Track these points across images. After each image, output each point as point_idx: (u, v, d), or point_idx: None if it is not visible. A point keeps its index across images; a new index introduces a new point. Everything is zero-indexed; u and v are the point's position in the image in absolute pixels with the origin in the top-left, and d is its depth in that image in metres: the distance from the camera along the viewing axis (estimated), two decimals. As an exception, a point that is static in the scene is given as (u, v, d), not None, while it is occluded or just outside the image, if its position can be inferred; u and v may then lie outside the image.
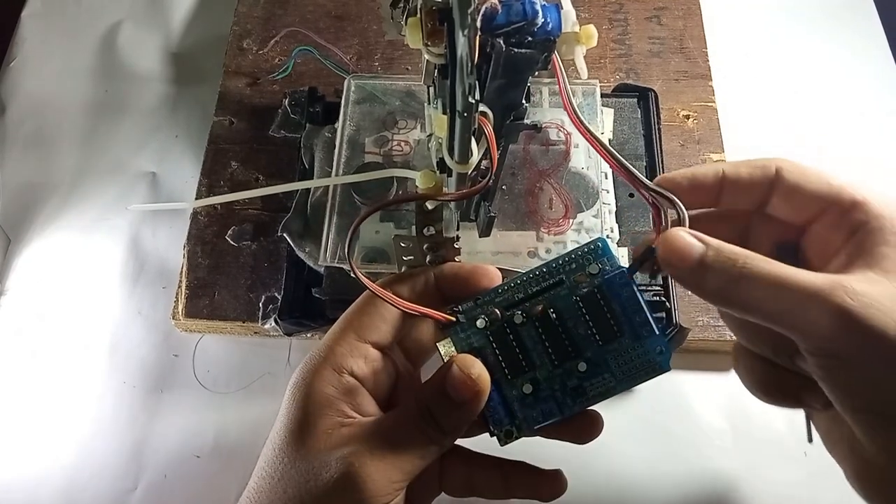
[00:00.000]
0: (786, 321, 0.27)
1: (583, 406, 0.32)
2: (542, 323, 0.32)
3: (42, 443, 0.48)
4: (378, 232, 0.46)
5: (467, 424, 0.31)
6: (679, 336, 0.46)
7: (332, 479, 0.29)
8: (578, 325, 0.32)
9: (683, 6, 0.62)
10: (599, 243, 0.32)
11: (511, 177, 0.48)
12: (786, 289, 0.26)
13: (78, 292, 0.53)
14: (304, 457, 0.30)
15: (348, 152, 0.49)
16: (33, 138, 0.60)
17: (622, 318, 0.31)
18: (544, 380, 0.32)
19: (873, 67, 0.62)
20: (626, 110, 0.54)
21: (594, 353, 0.32)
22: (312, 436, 0.30)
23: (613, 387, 0.32)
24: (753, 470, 0.46)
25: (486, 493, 0.34)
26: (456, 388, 0.30)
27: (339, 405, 0.31)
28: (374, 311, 0.32)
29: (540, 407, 0.32)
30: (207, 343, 0.51)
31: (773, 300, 0.27)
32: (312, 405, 0.30)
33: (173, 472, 0.47)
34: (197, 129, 0.58)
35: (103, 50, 0.64)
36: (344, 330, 0.32)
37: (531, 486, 0.34)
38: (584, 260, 0.32)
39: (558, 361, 0.32)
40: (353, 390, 0.31)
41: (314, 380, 0.31)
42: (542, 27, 0.28)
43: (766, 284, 0.27)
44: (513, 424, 0.32)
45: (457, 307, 0.33)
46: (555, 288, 0.32)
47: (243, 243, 0.51)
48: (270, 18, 0.62)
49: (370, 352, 0.32)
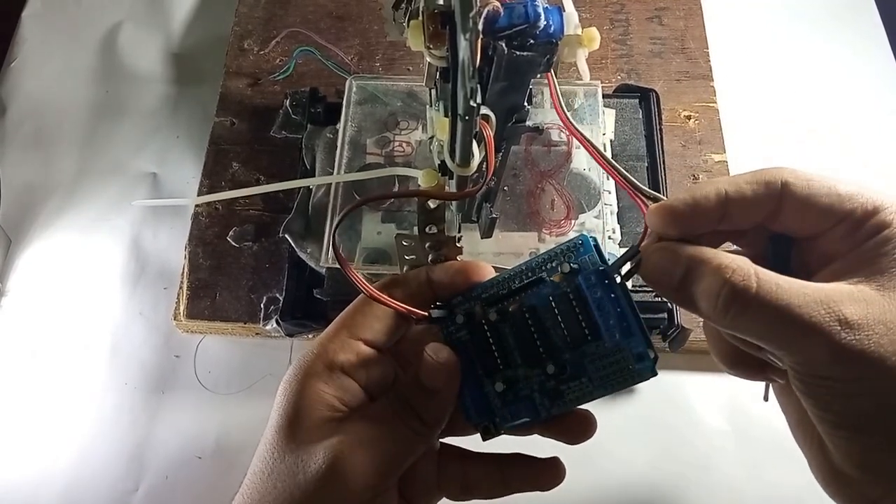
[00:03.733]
0: (777, 346, 0.26)
1: (561, 409, 0.31)
2: (517, 322, 0.31)
3: (43, 444, 0.48)
4: (380, 233, 0.46)
5: (446, 414, 0.31)
6: (680, 337, 0.46)
7: (321, 470, 0.29)
8: (556, 325, 0.30)
9: (685, 7, 0.62)
10: (580, 240, 0.30)
11: (513, 178, 0.48)
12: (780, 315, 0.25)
13: (79, 293, 0.53)
14: (293, 450, 0.30)
15: (350, 153, 0.49)
16: (34, 139, 0.60)
17: (598, 321, 0.29)
18: (522, 379, 0.31)
19: (874, 67, 0.62)
20: (628, 111, 0.54)
21: (571, 355, 0.30)
22: (302, 430, 0.30)
23: (591, 392, 0.30)
24: (754, 470, 0.46)
25: (484, 492, 0.34)
26: (427, 375, 0.30)
27: (329, 400, 0.31)
28: (369, 310, 0.33)
29: (517, 406, 0.31)
30: (209, 344, 0.51)
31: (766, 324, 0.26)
32: (303, 400, 0.31)
33: (174, 474, 0.47)
34: (198, 129, 0.58)
35: (104, 51, 0.64)
36: (337, 329, 0.33)
37: (530, 477, 0.34)
38: (564, 257, 0.30)
39: (531, 363, 0.31)
40: (344, 386, 0.31)
41: (305, 376, 0.31)
42: (544, 30, 0.28)
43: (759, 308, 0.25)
44: (491, 421, 0.32)
45: (438, 304, 0.32)
46: (533, 286, 0.31)
47: (244, 244, 0.51)
48: (271, 19, 0.62)
49: (362, 348, 0.32)
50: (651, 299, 0.46)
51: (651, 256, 0.28)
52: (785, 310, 0.25)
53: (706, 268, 0.26)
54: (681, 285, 0.27)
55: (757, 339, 0.26)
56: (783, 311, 0.25)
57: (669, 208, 0.28)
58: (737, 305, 0.26)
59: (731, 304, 0.26)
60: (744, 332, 0.27)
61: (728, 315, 0.26)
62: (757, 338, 0.26)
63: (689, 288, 0.27)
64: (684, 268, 0.27)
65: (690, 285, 0.27)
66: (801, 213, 0.28)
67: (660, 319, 0.46)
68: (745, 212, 0.28)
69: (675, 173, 0.53)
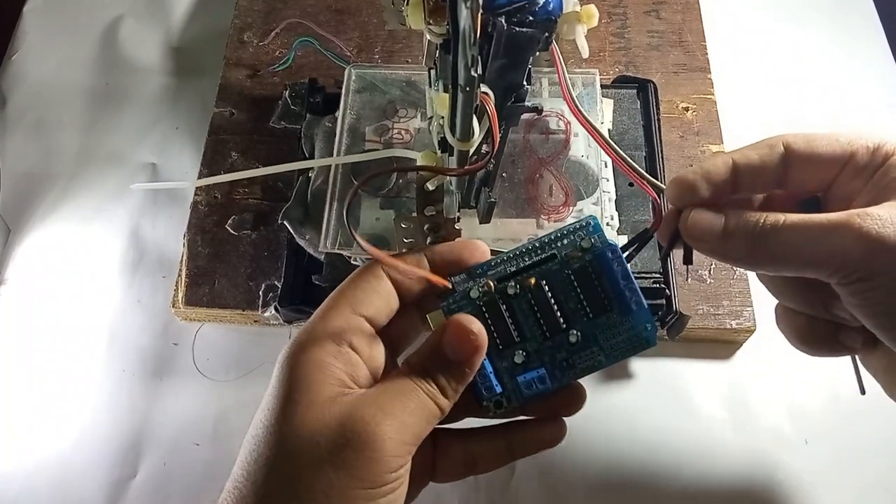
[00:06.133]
0: (814, 261, 0.28)
1: (571, 378, 0.32)
2: (535, 295, 0.32)
3: (41, 431, 0.48)
4: (378, 219, 0.46)
5: (463, 386, 0.31)
6: (679, 324, 0.46)
7: (340, 444, 0.27)
8: (569, 298, 0.32)
9: (682, 0, 0.63)
10: (591, 220, 0.33)
11: (511, 165, 0.48)
12: (807, 231, 0.28)
13: (78, 281, 0.53)
14: (304, 426, 0.28)
15: (349, 140, 0.49)
16: (34, 130, 0.60)
17: (611, 293, 0.32)
18: (534, 352, 0.32)
19: (870, 59, 0.62)
20: (626, 101, 0.54)
21: (583, 326, 0.32)
22: (313, 404, 0.28)
23: (601, 360, 0.32)
24: (753, 458, 0.46)
25: (490, 464, 0.34)
26: (454, 346, 0.30)
27: (339, 375, 0.29)
28: (369, 285, 0.32)
29: (530, 377, 0.32)
30: (207, 331, 0.51)
31: (798, 245, 0.28)
32: (311, 374, 0.29)
33: (173, 460, 0.47)
34: (197, 120, 0.59)
35: (104, 43, 0.64)
36: (339, 302, 0.31)
37: (534, 439, 0.34)
38: (577, 235, 0.33)
39: (549, 334, 0.32)
40: (353, 361, 0.30)
41: (312, 348, 0.30)
42: (543, 7, 0.28)
43: (788, 233, 0.28)
44: (503, 395, 0.32)
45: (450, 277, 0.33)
46: (547, 262, 0.33)
47: (243, 232, 0.52)
48: (271, 12, 0.62)
49: (365, 326, 0.31)
50: (650, 285, 0.46)
51: (693, 217, 0.31)
52: (812, 223, 0.28)
53: (742, 217, 0.30)
54: (724, 235, 0.30)
55: (798, 263, 0.29)
56: (810, 224, 0.28)
57: (685, 181, 0.31)
58: (772, 236, 0.29)
59: (767, 237, 0.29)
60: (783, 263, 0.30)
61: (766, 248, 0.29)
62: (797, 261, 0.29)
63: (729, 237, 0.30)
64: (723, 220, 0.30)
65: (729, 234, 0.30)
66: (808, 165, 0.31)
67: (658, 306, 0.46)
68: (755, 178, 0.31)
69: (673, 164, 0.54)
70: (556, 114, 0.49)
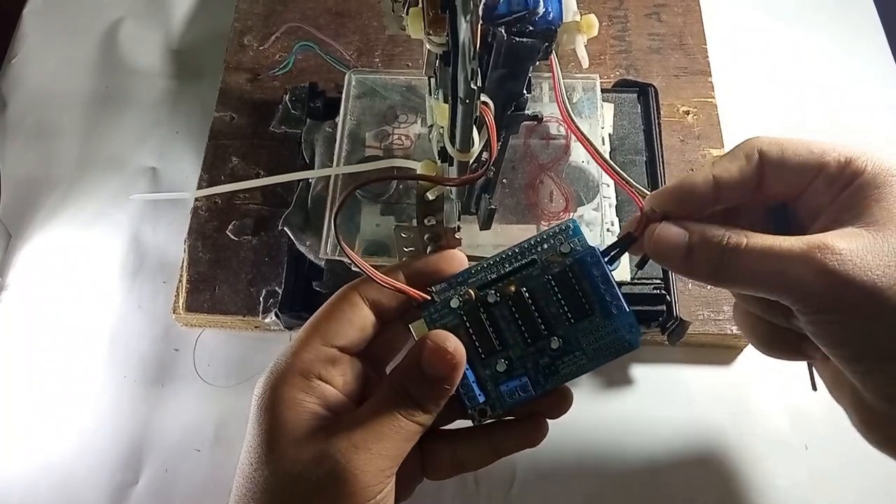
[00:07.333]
0: (774, 288, 0.28)
1: (555, 384, 0.32)
2: (515, 302, 0.32)
3: (42, 437, 0.48)
4: (379, 225, 0.46)
5: (445, 400, 0.31)
6: (680, 329, 0.46)
7: (320, 480, 0.28)
8: (550, 304, 0.32)
9: (683, 3, 0.62)
10: (571, 223, 0.33)
11: (512, 170, 0.48)
12: (769, 257, 0.28)
13: (78, 287, 0.53)
14: (284, 465, 0.29)
15: (349, 146, 0.49)
16: (34, 134, 0.60)
17: (592, 297, 0.32)
18: (517, 358, 0.32)
19: (871, 61, 0.62)
20: (626, 105, 0.54)
21: (565, 331, 0.32)
22: (291, 443, 0.29)
23: (584, 364, 0.32)
24: (754, 463, 0.46)
25: (475, 464, 0.34)
26: (432, 364, 0.30)
27: (312, 408, 0.30)
28: (343, 315, 0.32)
29: (513, 385, 0.32)
30: (208, 337, 0.51)
31: (759, 271, 0.28)
32: (285, 412, 0.30)
33: (174, 466, 0.47)
34: (197, 124, 0.58)
35: (104, 46, 0.64)
36: (310, 336, 0.32)
37: (517, 439, 0.34)
38: (556, 240, 0.33)
39: (531, 340, 0.32)
40: (325, 393, 0.31)
41: (282, 387, 0.30)
42: (543, 17, 0.28)
43: (750, 257, 0.28)
44: (486, 403, 0.32)
45: (430, 287, 0.33)
46: (527, 268, 0.33)
47: (244, 238, 0.51)
48: (271, 15, 0.62)
49: (337, 355, 0.32)
50: (650, 292, 0.46)
51: (658, 233, 0.31)
52: (774, 250, 0.28)
53: (706, 234, 0.30)
54: (687, 254, 0.30)
55: (760, 288, 0.29)
56: (773, 252, 0.28)
57: (663, 196, 0.32)
58: (734, 258, 0.29)
59: (730, 258, 0.29)
60: (745, 286, 0.29)
61: (728, 270, 0.29)
62: (759, 285, 0.29)
63: (692, 256, 0.30)
64: (687, 239, 0.30)
65: (693, 253, 0.30)
66: (780, 174, 0.30)
67: (658, 312, 0.46)
68: (734, 190, 0.31)
69: (674, 168, 0.54)
70: (557, 119, 0.49)
